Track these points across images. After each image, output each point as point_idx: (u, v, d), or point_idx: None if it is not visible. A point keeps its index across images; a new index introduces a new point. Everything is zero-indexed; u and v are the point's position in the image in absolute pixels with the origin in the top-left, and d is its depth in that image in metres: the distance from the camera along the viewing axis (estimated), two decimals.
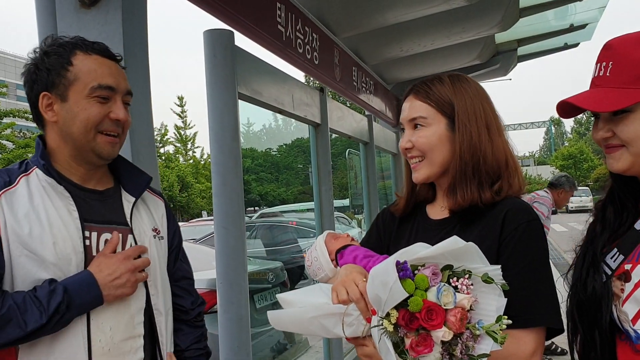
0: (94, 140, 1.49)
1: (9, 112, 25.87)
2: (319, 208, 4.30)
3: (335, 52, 4.33)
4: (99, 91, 1.48)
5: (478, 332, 1.17)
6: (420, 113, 1.53)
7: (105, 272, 1.43)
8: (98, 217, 1.52)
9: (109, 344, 1.45)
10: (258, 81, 3.15)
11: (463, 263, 1.22)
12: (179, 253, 1.79)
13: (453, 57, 6.06)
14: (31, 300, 1.34)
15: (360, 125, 5.46)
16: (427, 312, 1.15)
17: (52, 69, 1.47)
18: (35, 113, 1.52)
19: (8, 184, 1.43)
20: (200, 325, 1.82)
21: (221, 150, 2.69)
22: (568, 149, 54.77)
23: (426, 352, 1.15)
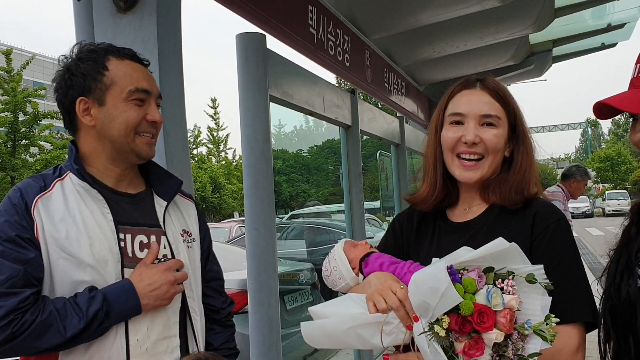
0: (134, 142, 1.54)
1: (47, 114, 26.53)
2: (349, 210, 4.29)
3: (366, 54, 4.32)
4: (136, 94, 1.52)
5: (526, 332, 1.18)
6: (496, 112, 1.52)
7: (146, 282, 1.47)
8: (131, 219, 1.56)
9: (146, 343, 1.48)
10: (289, 83, 3.17)
11: (505, 264, 1.23)
12: (209, 254, 1.82)
13: (486, 58, 5.99)
14: (71, 306, 1.38)
15: (392, 127, 5.43)
16: (479, 315, 1.15)
17: (88, 74, 1.51)
18: (69, 118, 1.56)
19: (44, 189, 1.47)
20: (230, 324, 1.85)
21: (252, 152, 2.71)
22: (605, 151, 53.56)
23: (478, 355, 1.15)
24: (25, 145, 26.77)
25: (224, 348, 1.79)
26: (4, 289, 1.34)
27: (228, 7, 2.42)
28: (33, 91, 26.71)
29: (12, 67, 26.07)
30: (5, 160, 25.14)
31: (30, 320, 1.33)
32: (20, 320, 1.33)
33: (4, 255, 1.37)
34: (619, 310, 1.36)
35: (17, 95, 25.53)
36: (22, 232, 1.40)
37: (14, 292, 1.34)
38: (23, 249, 1.39)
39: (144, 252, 1.54)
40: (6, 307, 1.33)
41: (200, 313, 1.68)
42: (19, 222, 1.41)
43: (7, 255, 1.37)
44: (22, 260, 1.38)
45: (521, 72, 6.86)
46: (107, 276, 1.46)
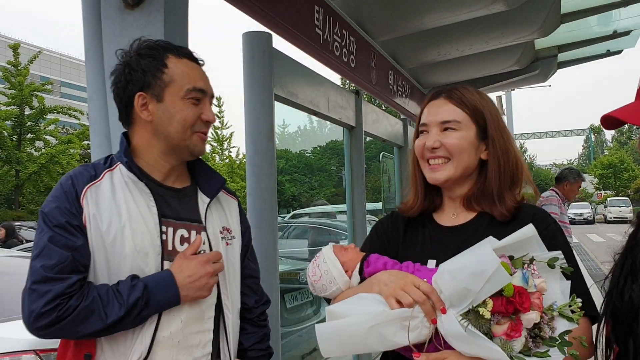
0: (190, 139, 1.57)
1: (53, 109, 26.62)
2: (351, 211, 4.31)
3: (371, 55, 4.33)
4: (193, 93, 1.56)
5: (554, 313, 1.22)
6: (455, 117, 1.58)
7: (186, 274, 1.49)
8: (174, 213, 1.59)
9: (179, 335, 1.51)
10: (294, 83, 3.18)
11: (527, 252, 1.28)
12: (248, 252, 1.84)
13: (491, 62, 5.99)
14: (113, 293, 1.42)
15: (395, 129, 5.45)
16: (519, 296, 1.19)
17: (148, 70, 1.54)
18: (126, 112, 1.59)
19: (94, 178, 1.51)
20: (264, 325, 1.86)
21: (256, 151, 2.73)
22: (608, 158, 53.36)
23: (517, 337, 1.19)
24: (31, 139, 26.87)
25: (254, 349, 1.80)
26: (52, 274, 1.38)
27: (235, 5, 2.44)
28: (39, 85, 26.80)
29: (19, 61, 26.16)
30: (10, 153, 25.21)
31: (75, 305, 1.37)
32: (65, 305, 1.37)
33: (53, 240, 1.41)
34: (621, 314, 1.36)
35: (23, 89, 25.62)
36: (71, 219, 1.45)
37: (62, 278, 1.38)
38: (72, 235, 1.43)
39: (184, 246, 1.57)
40: (54, 292, 1.37)
41: (233, 311, 1.70)
42: (69, 210, 1.45)
43: (57, 241, 1.41)
44: (71, 247, 1.42)
45: (526, 77, 6.86)
46: (146, 268, 1.49)
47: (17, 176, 26.38)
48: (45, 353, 2.91)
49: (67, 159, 26.95)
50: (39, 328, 1.37)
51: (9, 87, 25.98)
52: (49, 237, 1.42)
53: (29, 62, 26.00)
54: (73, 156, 27.94)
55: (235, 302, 1.72)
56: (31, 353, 2.85)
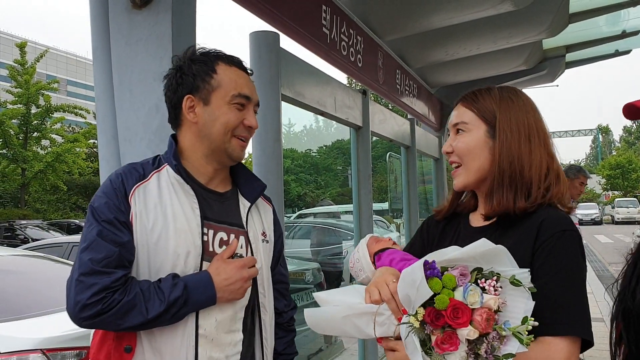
0: (229, 142, 1.63)
1: (59, 107, 26.73)
2: (357, 211, 4.30)
3: (379, 55, 4.32)
4: (238, 99, 1.63)
5: (504, 332, 1.18)
6: (462, 119, 1.58)
7: (223, 276, 1.56)
8: (216, 216, 1.64)
9: (212, 334, 1.58)
10: (301, 83, 3.17)
11: (492, 265, 1.24)
12: (280, 257, 1.91)
13: (499, 62, 5.97)
14: (155, 290, 1.48)
15: (402, 129, 5.43)
16: (453, 310, 1.17)
17: (198, 74, 1.62)
18: (175, 114, 1.66)
19: (142, 178, 1.58)
20: (292, 329, 1.94)
21: (263, 151, 2.72)
22: (616, 158, 53.13)
23: (452, 350, 1.17)
24: (37, 137, 27.00)
25: (285, 353, 1.89)
26: (99, 267, 1.44)
27: (243, 5, 2.43)
28: (46, 84, 26.95)
29: (26, 59, 26.28)
30: (17, 152, 25.34)
31: (118, 299, 1.43)
32: (110, 299, 1.42)
33: (102, 235, 1.47)
34: (633, 314, 1.34)
35: (30, 88, 25.75)
36: (119, 216, 1.51)
37: (108, 272, 1.44)
38: (119, 231, 1.49)
39: (222, 249, 1.63)
40: (100, 285, 1.42)
41: (270, 311, 1.77)
42: (117, 206, 1.51)
43: (105, 236, 1.47)
44: (118, 242, 1.48)
45: (533, 77, 6.83)
46: (186, 268, 1.55)
47: (23, 174, 26.51)
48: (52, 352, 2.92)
49: (73, 158, 27.09)
50: (83, 318, 1.43)
51: (15, 86, 26.12)
52: (98, 231, 1.48)
53: (36, 60, 26.10)
54: (79, 155, 28.08)
55: (271, 303, 1.79)
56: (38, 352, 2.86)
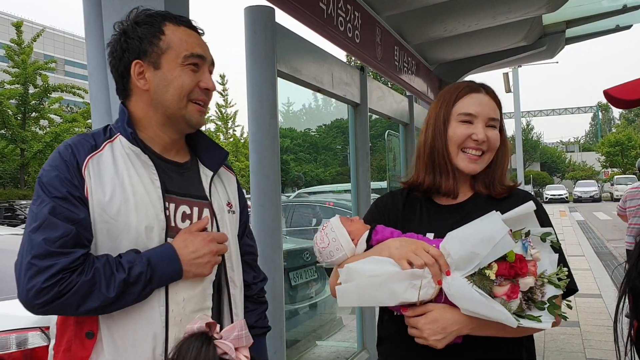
0: (186, 108, 1.52)
1: (57, 87, 26.57)
2: (355, 190, 4.29)
3: (377, 31, 4.27)
4: (191, 59, 1.51)
5: (544, 280, 1.39)
6: (498, 117, 1.75)
7: (190, 249, 1.46)
8: (177, 188, 1.54)
9: (181, 314, 1.47)
10: (298, 59, 3.14)
11: (524, 226, 1.46)
12: (246, 228, 1.82)
13: (498, 38, 5.91)
14: (116, 267, 1.36)
15: (401, 106, 5.39)
16: (520, 262, 1.36)
17: (144, 37, 1.50)
18: (123, 83, 1.55)
19: (95, 148, 1.45)
20: (263, 301, 1.85)
21: (259, 127, 2.70)
22: (615, 136, 53.01)
23: (515, 298, 1.35)
24: (35, 117, 26.88)
25: (257, 327, 1.78)
26: (54, 248, 1.32)
27: None
28: (43, 64, 26.70)
29: (23, 39, 26.04)
30: (15, 132, 25.25)
31: (77, 280, 1.32)
32: (68, 280, 1.31)
33: (55, 212, 1.35)
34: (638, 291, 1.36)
35: (27, 68, 25.55)
36: (73, 190, 1.38)
37: (65, 252, 1.32)
38: (75, 207, 1.37)
39: (186, 223, 1.53)
40: (57, 267, 1.31)
41: (240, 285, 1.68)
42: (70, 180, 1.38)
43: (59, 214, 1.35)
44: (74, 220, 1.36)
45: (533, 53, 6.76)
46: (150, 243, 1.44)
47: (23, 155, 26.46)
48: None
49: None
50: (38, 305, 1.31)
51: (12, 66, 25.92)
52: (50, 208, 1.35)
53: (32, 40, 25.86)
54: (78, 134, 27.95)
55: (240, 277, 1.70)
56: (37, 330, 2.87)
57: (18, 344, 2.78)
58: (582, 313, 7.10)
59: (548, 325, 1.38)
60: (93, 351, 1.41)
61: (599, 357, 5.34)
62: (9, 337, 2.79)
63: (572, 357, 5.39)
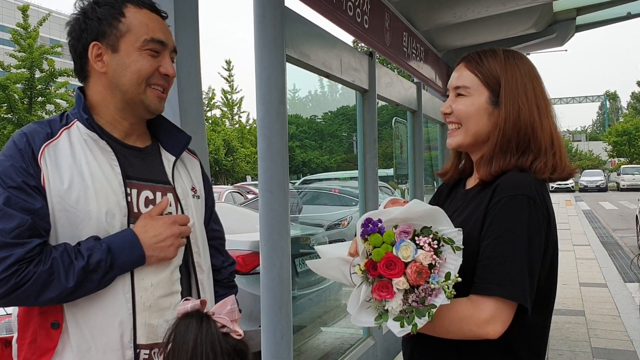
0: (144, 93, 1.48)
1: (63, 72, 26.54)
2: (362, 177, 4.27)
3: (386, 17, 4.23)
4: (150, 44, 1.47)
5: (434, 285, 1.30)
6: (464, 82, 1.57)
7: (151, 234, 1.43)
8: (138, 174, 1.51)
9: (149, 299, 1.45)
10: (306, 44, 3.11)
11: (436, 225, 1.37)
12: (212, 214, 1.78)
13: (507, 25, 5.85)
14: (75, 255, 1.34)
15: (409, 93, 5.36)
16: (387, 262, 1.30)
17: (104, 18, 1.45)
18: (80, 64, 1.51)
19: (50, 136, 1.41)
20: (233, 285, 1.83)
21: (268, 113, 2.68)
22: (623, 125, 52.64)
23: (388, 297, 1.31)
24: (42, 102, 26.88)
25: None
26: (9, 239, 1.29)
27: None
28: (49, 48, 26.66)
29: (29, 23, 26.00)
30: (21, 117, 25.28)
31: (34, 270, 1.29)
32: (24, 271, 1.29)
33: (10, 203, 1.31)
34: None
35: (33, 52, 25.53)
36: (28, 180, 1.34)
37: (21, 243, 1.29)
38: (30, 197, 1.33)
39: (149, 208, 1.50)
40: (13, 257, 1.28)
41: (207, 270, 1.66)
42: (25, 169, 1.35)
43: (14, 204, 1.31)
44: (30, 210, 1.32)
45: (542, 41, 6.70)
46: (112, 230, 1.41)
47: None
48: None
49: None
50: None
51: (18, 50, 25.90)
52: (5, 199, 1.31)
53: (39, 24, 25.82)
54: None
55: (207, 261, 1.67)
56: None
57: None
58: (587, 302, 7.10)
59: (397, 332, 1.29)
60: (59, 341, 1.38)
61: (604, 347, 5.34)
62: None
63: (577, 346, 5.39)
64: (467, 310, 1.37)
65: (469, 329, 1.37)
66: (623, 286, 7.99)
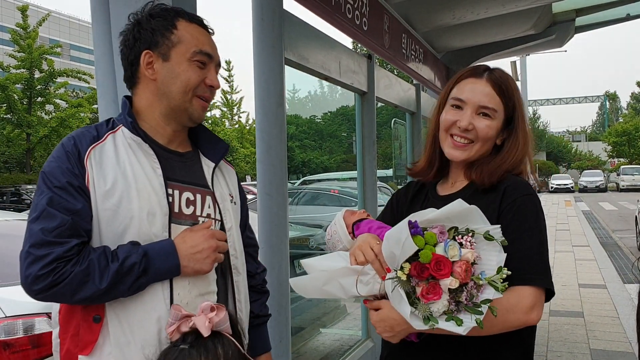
0: (190, 102, 1.56)
1: (62, 72, 26.56)
2: (362, 177, 4.27)
3: (384, 18, 4.23)
4: (199, 56, 1.56)
5: (481, 282, 1.33)
6: (494, 106, 1.63)
7: (189, 244, 1.48)
8: (179, 176, 1.58)
9: (186, 297, 1.51)
10: (305, 46, 3.11)
11: (467, 224, 1.40)
12: (247, 221, 1.86)
13: (507, 27, 5.85)
14: (111, 258, 1.39)
15: (408, 95, 5.36)
16: (436, 263, 1.31)
17: (157, 29, 1.55)
18: (131, 71, 1.58)
19: (97, 139, 1.49)
20: (265, 290, 1.91)
21: (266, 116, 2.68)
22: (622, 125, 52.62)
23: (435, 299, 1.31)
24: (41, 102, 26.89)
25: (261, 315, 1.85)
26: (50, 238, 1.36)
27: None
28: (49, 48, 26.69)
29: (28, 23, 26.00)
30: (21, 117, 25.29)
31: (71, 270, 1.35)
32: (62, 269, 1.35)
33: (53, 203, 1.39)
34: None
35: (33, 52, 25.53)
36: (73, 180, 1.41)
37: (61, 242, 1.36)
38: (72, 197, 1.40)
39: (190, 209, 1.57)
40: (52, 255, 1.34)
41: (243, 273, 1.73)
42: (71, 170, 1.42)
43: (57, 204, 1.39)
44: (71, 210, 1.39)
45: (542, 42, 6.69)
46: (153, 228, 1.47)
47: (28, 140, 26.53)
48: None
49: (77, 123, 27.01)
50: (36, 291, 1.36)
51: (18, 50, 25.90)
52: (49, 199, 1.39)
53: (38, 24, 25.82)
54: (83, 120, 28.00)
55: (243, 264, 1.74)
56: (43, 316, 2.88)
57: (25, 329, 2.80)
58: (586, 304, 7.10)
59: (462, 331, 1.31)
60: (100, 335, 1.44)
61: (602, 348, 5.34)
62: (16, 323, 2.80)
63: (576, 347, 5.40)
64: (512, 300, 1.43)
65: (516, 317, 1.45)
66: (622, 287, 7.99)
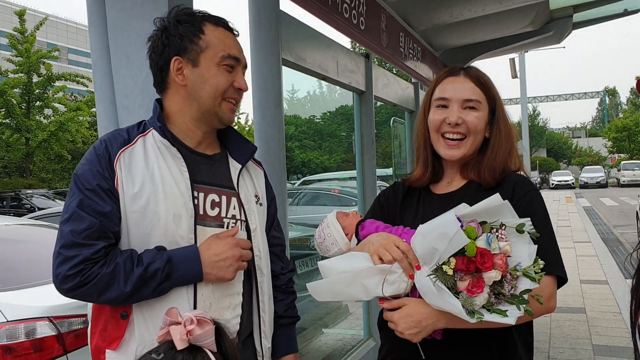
0: (219, 106, 1.60)
1: (61, 76, 26.54)
2: (361, 177, 4.27)
3: (382, 17, 4.23)
4: (227, 60, 1.59)
5: (518, 273, 1.36)
6: (477, 97, 1.68)
7: (212, 252, 1.51)
8: (206, 178, 1.62)
9: (210, 298, 1.54)
10: (302, 47, 3.11)
11: (497, 218, 1.42)
12: (274, 220, 1.88)
13: (505, 24, 5.84)
14: (136, 262, 1.44)
15: (406, 93, 5.36)
16: (481, 256, 1.32)
17: (185, 35, 1.57)
18: (161, 76, 1.61)
19: (127, 142, 1.54)
20: (292, 291, 1.91)
21: (264, 118, 2.68)
22: (622, 121, 52.62)
23: (479, 292, 1.33)
24: (40, 106, 26.88)
25: (286, 316, 1.85)
26: (79, 240, 1.41)
27: None
28: (47, 52, 26.67)
29: (26, 27, 25.98)
30: (20, 121, 25.30)
31: (97, 272, 1.41)
32: (89, 271, 1.40)
33: (83, 205, 1.44)
34: None
35: (30, 57, 25.53)
36: (102, 183, 1.46)
37: (89, 244, 1.41)
38: (102, 200, 1.45)
39: (215, 210, 1.60)
40: (80, 257, 1.40)
41: (267, 274, 1.75)
42: (101, 173, 1.47)
43: (87, 206, 1.44)
44: (100, 213, 1.44)
45: (540, 39, 6.69)
46: (179, 230, 1.51)
47: (27, 144, 26.52)
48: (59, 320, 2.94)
49: (76, 127, 27.03)
50: (65, 290, 1.42)
51: (15, 55, 25.90)
52: (79, 201, 1.44)
53: (35, 28, 25.81)
54: (82, 123, 28.02)
55: (267, 265, 1.76)
56: (45, 320, 2.88)
57: (27, 333, 2.80)
58: (588, 299, 7.10)
59: (512, 321, 1.34)
60: (126, 331, 1.49)
61: (604, 344, 5.34)
62: (17, 327, 2.80)
63: (578, 343, 5.39)
64: (535, 290, 1.44)
65: (539, 306, 1.46)
66: (624, 283, 7.99)
